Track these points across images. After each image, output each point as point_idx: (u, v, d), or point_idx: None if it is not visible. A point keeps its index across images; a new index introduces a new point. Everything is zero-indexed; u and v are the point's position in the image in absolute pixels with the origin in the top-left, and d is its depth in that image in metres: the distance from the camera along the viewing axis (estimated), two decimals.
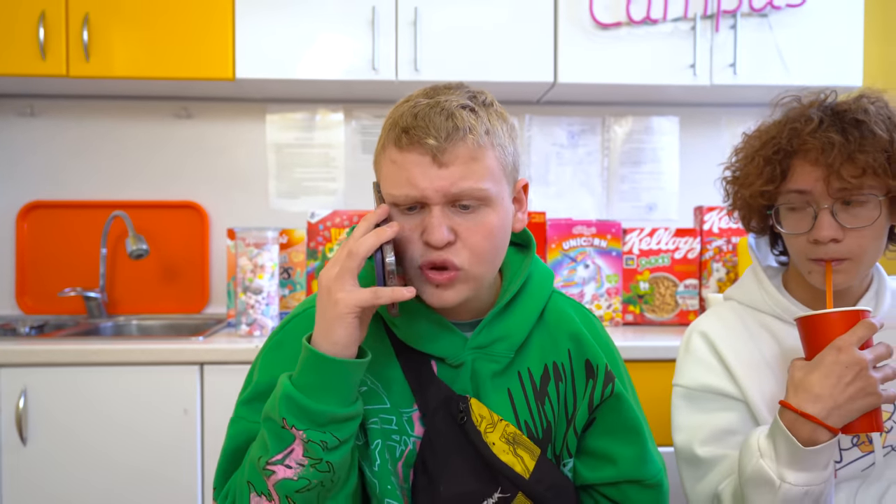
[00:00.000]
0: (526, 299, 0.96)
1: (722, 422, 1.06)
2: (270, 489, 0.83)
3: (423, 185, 0.83)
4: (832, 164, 0.97)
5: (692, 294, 2.08)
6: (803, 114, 1.02)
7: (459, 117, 0.83)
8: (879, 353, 0.91)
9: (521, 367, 0.95)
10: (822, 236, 0.98)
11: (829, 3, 2.08)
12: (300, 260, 2.05)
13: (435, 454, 0.91)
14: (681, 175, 2.42)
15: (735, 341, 1.10)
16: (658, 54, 2.07)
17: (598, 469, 0.97)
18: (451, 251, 0.85)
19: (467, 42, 2.04)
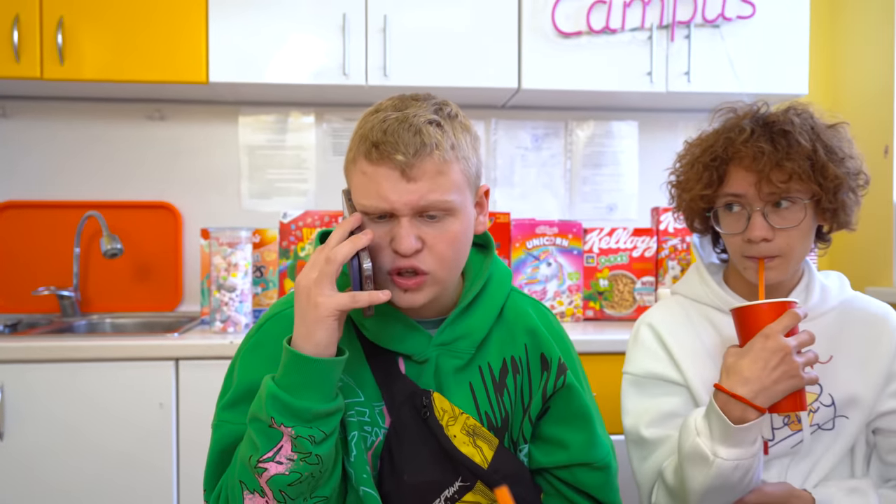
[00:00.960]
0: (486, 299, 1.03)
1: (666, 406, 1.16)
2: (263, 486, 0.87)
3: (392, 198, 0.88)
4: (763, 171, 1.07)
5: (649, 291, 2.18)
6: (737, 124, 1.12)
7: (427, 133, 0.88)
8: (802, 339, 1.01)
9: (481, 362, 1.02)
10: (754, 236, 1.08)
11: (777, 14, 2.19)
12: (273, 259, 2.11)
13: (400, 445, 0.97)
14: (639, 177, 2.52)
15: (679, 332, 1.19)
16: (617, 62, 2.16)
17: (552, 454, 1.04)
18: (418, 258, 0.91)
19: (435, 49, 2.11)
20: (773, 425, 1.12)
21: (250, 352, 0.99)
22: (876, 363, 1.12)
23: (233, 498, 0.91)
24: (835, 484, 1.09)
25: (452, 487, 0.97)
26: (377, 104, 0.95)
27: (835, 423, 1.12)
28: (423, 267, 0.91)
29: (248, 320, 1.93)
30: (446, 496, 0.96)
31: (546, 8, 2.12)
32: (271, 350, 0.91)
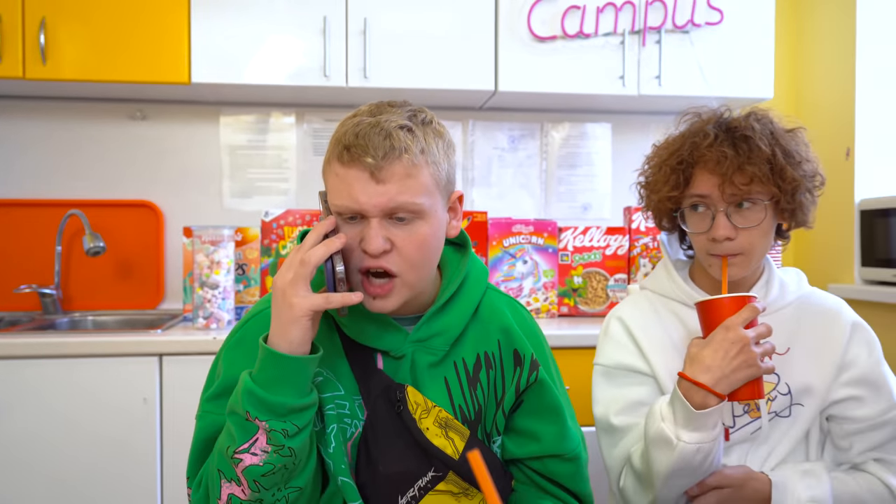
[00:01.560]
0: (463, 297, 1.07)
1: (634, 395, 1.22)
2: (239, 475, 0.91)
3: (362, 199, 0.92)
4: (725, 174, 1.13)
5: (622, 287, 2.26)
6: (702, 129, 1.19)
7: (396, 137, 0.92)
8: (760, 332, 1.08)
9: (456, 358, 1.06)
10: (718, 235, 1.15)
11: (744, 21, 2.28)
12: (254, 257, 2.15)
13: (376, 437, 1.01)
14: (613, 177, 2.60)
15: (647, 325, 1.26)
16: (590, 66, 2.23)
17: (524, 445, 1.09)
18: (386, 259, 0.94)
19: (414, 51, 2.16)
20: (734, 413, 1.19)
21: (234, 348, 1.03)
22: (829, 354, 1.20)
23: (212, 485, 0.95)
24: (790, 467, 1.16)
25: (426, 478, 1.01)
26: (356, 109, 0.99)
27: (791, 410, 1.19)
28: (391, 268, 0.95)
29: (231, 317, 1.97)
30: (420, 486, 1.00)
31: (522, 12, 2.18)
32: (254, 346, 0.95)
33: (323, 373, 1.00)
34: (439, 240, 1.00)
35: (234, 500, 0.92)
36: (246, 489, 0.91)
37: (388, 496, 1.00)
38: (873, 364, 1.19)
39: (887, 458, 1.17)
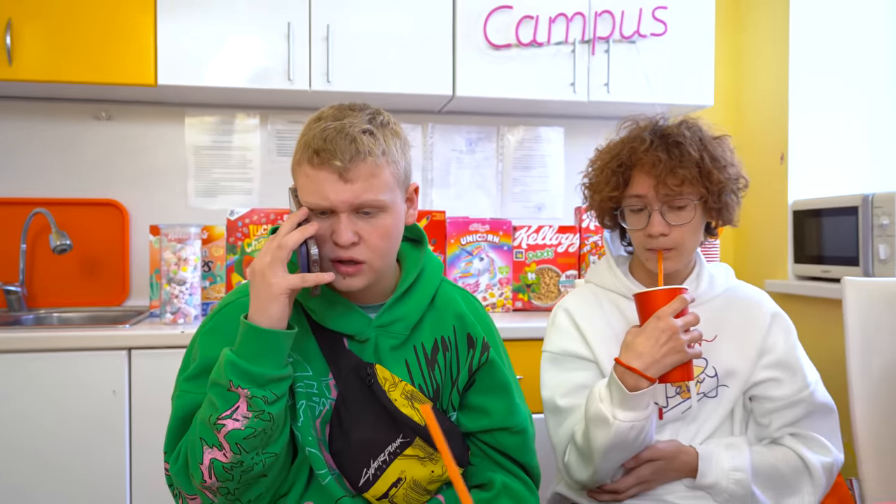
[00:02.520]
0: (420, 288, 1.18)
1: (578, 379, 1.33)
2: (221, 440, 1.00)
3: (332, 197, 1.03)
4: (660, 176, 1.26)
5: (572, 283, 2.38)
6: (639, 135, 1.31)
7: (361, 141, 1.02)
8: (688, 320, 1.20)
9: (415, 342, 1.16)
10: (653, 231, 1.27)
11: (686, 33, 2.42)
12: (220, 254, 2.22)
13: (348, 410, 1.11)
14: (565, 179, 2.72)
15: (591, 315, 1.37)
16: (543, 73, 2.35)
17: (476, 420, 1.19)
18: (355, 250, 1.05)
19: (376, 57, 2.25)
20: (667, 394, 1.31)
21: (209, 333, 1.12)
22: (751, 341, 1.33)
23: (192, 455, 1.03)
24: (716, 441, 1.29)
25: (395, 443, 1.11)
26: (319, 112, 1.09)
27: (718, 391, 1.31)
28: (359, 257, 1.05)
29: (198, 312, 2.04)
30: (389, 451, 1.11)
31: (478, 22, 2.29)
32: (228, 331, 1.05)
33: (293, 356, 1.09)
34: (400, 228, 1.11)
35: (216, 463, 1.01)
36: (228, 452, 1.00)
37: (361, 461, 1.09)
38: (789, 349, 1.33)
39: (801, 432, 1.30)
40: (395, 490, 1.10)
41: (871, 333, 1.51)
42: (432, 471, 1.12)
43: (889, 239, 1.98)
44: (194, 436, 1.03)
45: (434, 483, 1.14)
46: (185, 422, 1.08)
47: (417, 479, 1.12)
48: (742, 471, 1.24)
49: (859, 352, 1.50)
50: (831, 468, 1.28)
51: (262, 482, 1.06)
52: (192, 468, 1.04)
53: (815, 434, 1.29)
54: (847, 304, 1.53)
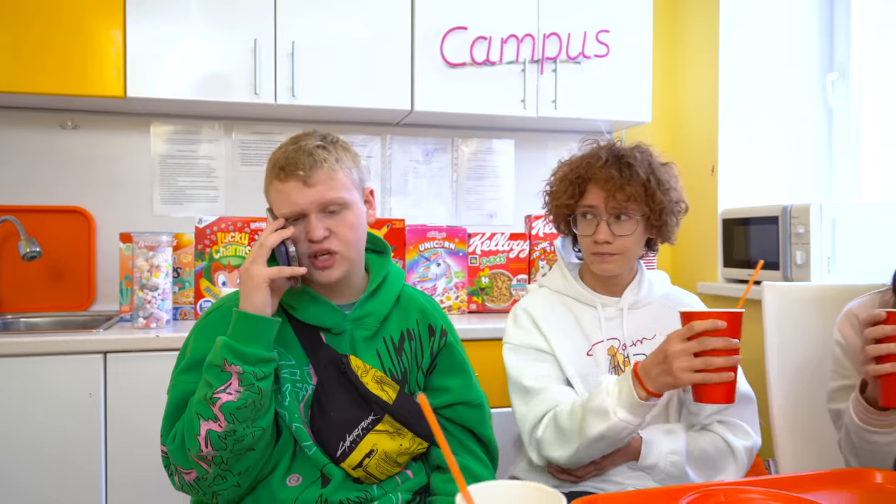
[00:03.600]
0: (386, 289, 1.37)
1: (541, 368, 1.48)
2: (216, 412, 1.15)
3: (300, 201, 1.23)
4: (610, 190, 1.43)
5: (523, 286, 2.55)
6: (597, 153, 1.48)
7: (316, 153, 1.24)
8: (688, 346, 1.21)
9: (384, 334, 1.35)
10: (599, 239, 1.44)
11: (627, 55, 2.62)
12: (189, 261, 2.30)
13: (326, 394, 1.27)
14: (515, 188, 2.89)
15: (546, 314, 1.53)
16: (496, 90, 2.51)
17: (438, 397, 1.37)
18: (328, 242, 1.25)
19: (338, 73, 2.38)
20: None
21: (200, 332, 1.30)
22: None
23: (189, 431, 1.18)
24: (655, 427, 1.46)
25: (367, 420, 1.28)
26: (281, 143, 1.30)
27: None
28: (332, 248, 1.25)
29: (170, 317, 2.12)
30: (362, 427, 1.27)
31: (435, 42, 2.44)
32: (217, 330, 1.23)
33: (278, 347, 1.26)
34: (363, 224, 1.32)
35: (211, 434, 1.16)
36: (222, 422, 1.16)
37: (339, 437, 1.26)
38: None
39: (726, 419, 1.48)
40: (368, 460, 1.26)
41: (786, 332, 1.71)
42: (400, 444, 1.29)
43: (804, 246, 2.21)
44: (191, 414, 1.18)
45: (403, 455, 1.30)
46: (179, 408, 1.24)
47: (388, 451, 1.27)
48: (678, 454, 1.41)
49: (776, 348, 1.70)
50: (752, 450, 1.47)
51: (250, 455, 1.20)
52: (190, 442, 1.18)
53: (739, 421, 1.48)
54: (766, 306, 1.73)
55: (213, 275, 2.30)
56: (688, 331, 1.20)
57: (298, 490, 1.24)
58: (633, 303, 1.51)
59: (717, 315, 1.17)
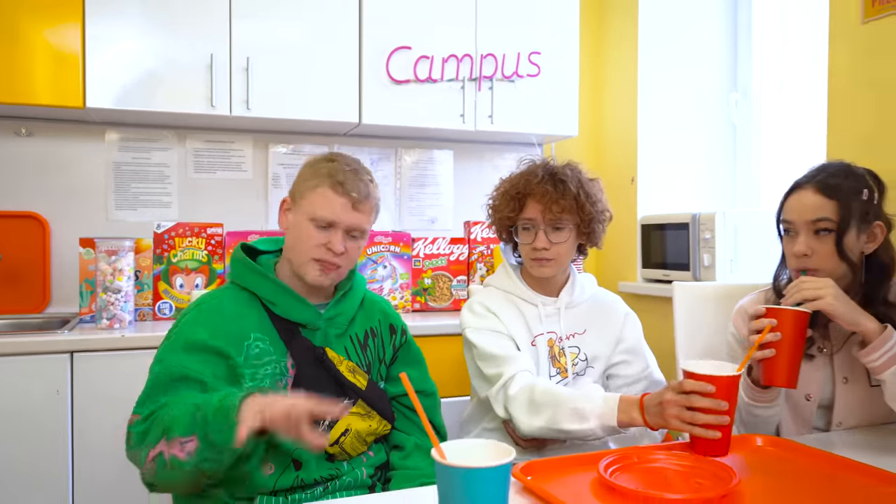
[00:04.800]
0: (352, 293, 1.55)
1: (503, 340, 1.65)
2: (166, 450, 1.20)
3: (343, 218, 1.40)
4: (547, 204, 1.64)
5: (463, 287, 2.77)
6: (534, 171, 1.69)
7: (370, 187, 1.44)
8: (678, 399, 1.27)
9: (351, 332, 1.52)
10: (538, 246, 1.65)
11: (556, 75, 2.87)
12: (147, 264, 2.42)
13: (305, 381, 1.41)
14: (455, 195, 3.10)
15: (500, 307, 1.72)
16: (437, 105, 2.71)
17: (397, 386, 1.55)
18: (341, 258, 1.43)
19: (291, 87, 2.53)
20: (550, 374, 1.70)
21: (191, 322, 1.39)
22: (610, 333, 1.74)
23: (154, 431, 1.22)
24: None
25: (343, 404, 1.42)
26: (329, 155, 1.47)
27: (586, 371, 1.71)
28: (340, 263, 1.44)
29: (132, 318, 2.24)
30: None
31: (382, 60, 2.62)
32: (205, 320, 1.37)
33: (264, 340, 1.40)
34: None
35: (160, 458, 1.21)
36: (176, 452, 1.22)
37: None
38: (637, 339, 1.76)
39: None
40: (343, 438, 1.43)
41: (693, 324, 1.97)
42: (370, 425, 1.47)
43: (711, 250, 2.50)
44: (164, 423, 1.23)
45: (371, 435, 1.48)
46: (157, 385, 1.31)
47: (360, 431, 1.45)
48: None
49: (684, 338, 1.95)
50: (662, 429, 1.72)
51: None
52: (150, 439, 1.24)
53: None
54: (675, 303, 1.98)
55: (171, 278, 2.42)
56: (679, 386, 1.26)
57: (274, 477, 1.37)
58: (568, 302, 1.73)
59: (709, 378, 1.22)
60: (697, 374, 1.23)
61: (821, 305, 1.33)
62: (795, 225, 1.48)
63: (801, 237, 1.46)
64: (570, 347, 1.71)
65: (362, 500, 1.17)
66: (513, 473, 1.09)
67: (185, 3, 2.40)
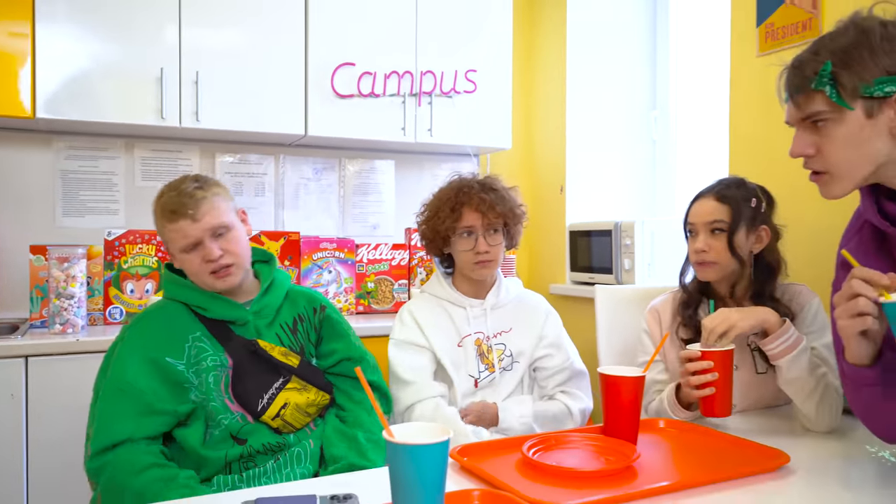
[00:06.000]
0: (276, 287, 1.71)
1: (417, 360, 1.86)
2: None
3: (193, 233, 1.54)
4: (485, 211, 1.83)
5: (404, 290, 2.93)
6: (468, 183, 1.87)
7: (196, 194, 1.55)
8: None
9: (280, 321, 1.68)
10: (481, 249, 1.84)
11: (491, 91, 3.05)
12: (98, 270, 2.49)
13: (244, 369, 1.58)
14: (396, 203, 3.26)
15: (427, 315, 1.91)
16: (379, 118, 2.87)
17: (327, 359, 1.70)
18: (224, 259, 1.56)
19: (239, 100, 2.64)
20: (479, 369, 1.88)
21: (133, 338, 1.55)
22: (533, 330, 1.94)
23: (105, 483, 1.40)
24: (509, 399, 1.88)
25: (278, 381, 1.60)
26: (162, 189, 1.60)
27: (513, 366, 1.90)
28: (228, 261, 1.57)
29: (84, 322, 2.32)
30: (276, 386, 1.59)
31: (327, 75, 2.76)
32: (144, 332, 1.54)
33: (201, 340, 1.56)
34: (245, 237, 1.64)
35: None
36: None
37: (257, 396, 1.57)
38: (558, 334, 1.96)
39: (567, 390, 1.92)
40: (284, 411, 1.58)
41: (613, 322, 2.18)
42: (307, 397, 1.63)
43: (631, 255, 2.73)
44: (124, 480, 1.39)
45: (311, 406, 1.63)
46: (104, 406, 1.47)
47: (299, 403, 1.61)
48: (527, 416, 1.83)
49: (605, 334, 2.15)
50: (584, 412, 1.92)
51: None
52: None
53: (575, 390, 1.92)
54: (597, 304, 2.19)
55: (122, 283, 2.51)
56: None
57: (222, 452, 1.52)
58: (494, 303, 1.92)
59: (617, 379, 1.39)
60: (609, 376, 1.39)
61: (735, 333, 1.50)
62: (696, 226, 1.72)
63: (700, 236, 1.70)
64: (496, 345, 1.89)
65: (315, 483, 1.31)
66: (451, 455, 1.26)
67: (135, 16, 2.49)
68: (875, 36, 1.12)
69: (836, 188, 1.21)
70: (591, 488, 1.16)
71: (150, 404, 1.47)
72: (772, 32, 2.18)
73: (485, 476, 1.20)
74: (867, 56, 1.12)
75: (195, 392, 1.53)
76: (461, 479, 1.23)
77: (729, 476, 1.22)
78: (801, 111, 1.20)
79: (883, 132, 1.14)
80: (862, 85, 1.12)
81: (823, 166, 1.21)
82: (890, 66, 1.11)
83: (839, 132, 1.17)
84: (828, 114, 1.16)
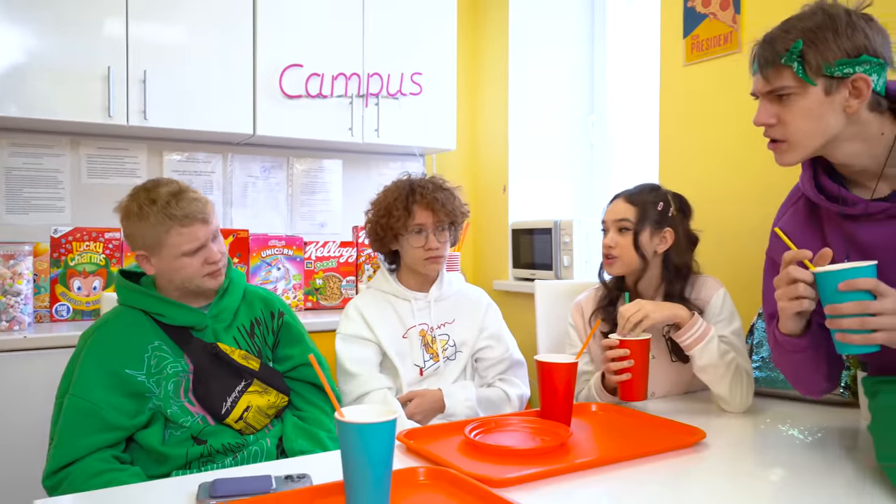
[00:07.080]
0: (232, 290, 1.74)
1: (363, 353, 1.94)
2: None
3: (203, 236, 1.60)
4: (436, 210, 1.94)
5: (352, 287, 3.00)
6: (419, 183, 1.98)
7: (200, 199, 1.61)
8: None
9: (238, 324, 1.72)
10: (433, 246, 1.94)
11: (436, 93, 3.15)
12: (44, 268, 2.49)
13: (205, 373, 1.61)
14: (343, 202, 3.33)
15: (373, 309, 2.00)
16: (327, 119, 2.93)
17: (284, 364, 1.75)
18: (221, 260, 1.64)
19: (187, 100, 2.67)
20: (424, 359, 1.98)
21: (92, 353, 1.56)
22: (475, 322, 2.04)
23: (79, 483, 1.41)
24: (453, 385, 1.98)
25: (240, 385, 1.64)
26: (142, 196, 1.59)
27: (456, 355, 2.01)
28: (223, 262, 1.65)
29: (31, 319, 2.32)
30: (238, 390, 1.63)
31: (275, 76, 2.82)
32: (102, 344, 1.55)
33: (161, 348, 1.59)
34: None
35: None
36: None
37: (220, 399, 1.61)
38: (498, 326, 2.08)
39: (506, 378, 2.03)
40: (246, 413, 1.63)
41: (550, 314, 2.30)
42: (268, 399, 1.68)
43: (570, 252, 2.87)
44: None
45: (271, 408, 1.68)
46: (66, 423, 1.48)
47: (260, 406, 1.66)
48: (471, 400, 1.94)
49: (543, 326, 2.28)
50: (522, 398, 2.04)
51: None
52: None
53: (514, 378, 2.04)
54: (536, 298, 2.31)
55: (69, 280, 2.52)
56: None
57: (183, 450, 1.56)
58: (437, 296, 2.02)
59: (552, 365, 1.49)
60: (544, 363, 1.50)
61: (648, 322, 1.66)
62: (607, 224, 1.87)
63: (609, 233, 1.85)
64: (440, 335, 2.00)
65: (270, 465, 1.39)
66: (398, 438, 1.36)
67: (81, 13, 2.49)
68: (841, 22, 1.24)
69: (791, 156, 1.34)
70: (527, 464, 1.27)
71: (108, 420, 1.49)
72: (697, 44, 2.34)
73: (430, 456, 1.30)
74: (832, 38, 1.24)
75: (154, 400, 1.56)
76: (407, 459, 1.32)
77: (652, 451, 1.35)
78: (768, 84, 1.32)
79: (837, 109, 1.27)
80: (825, 64, 1.24)
81: (783, 135, 1.33)
82: (850, 49, 1.23)
83: (800, 105, 1.28)
84: (792, 88, 1.28)
